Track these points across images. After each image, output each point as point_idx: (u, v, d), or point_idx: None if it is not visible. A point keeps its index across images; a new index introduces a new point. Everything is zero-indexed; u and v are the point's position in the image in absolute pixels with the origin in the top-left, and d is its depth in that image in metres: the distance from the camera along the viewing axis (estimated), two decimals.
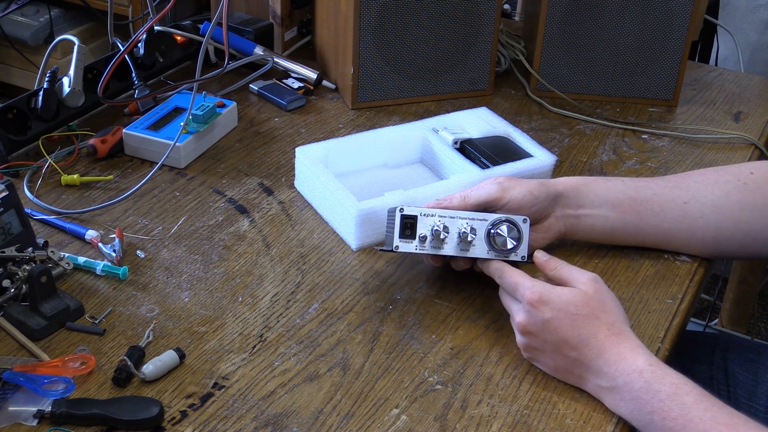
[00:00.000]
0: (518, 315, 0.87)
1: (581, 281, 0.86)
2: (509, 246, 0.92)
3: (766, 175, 1.00)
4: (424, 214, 0.92)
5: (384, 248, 0.95)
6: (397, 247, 0.92)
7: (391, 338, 0.92)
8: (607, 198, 1.00)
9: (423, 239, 0.92)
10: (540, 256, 0.92)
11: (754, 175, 1.00)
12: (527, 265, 0.92)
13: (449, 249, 0.93)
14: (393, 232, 0.92)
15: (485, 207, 0.97)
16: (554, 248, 1.06)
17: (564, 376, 0.87)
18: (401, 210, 0.91)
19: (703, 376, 1.07)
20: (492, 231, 0.92)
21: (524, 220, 0.92)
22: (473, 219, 0.92)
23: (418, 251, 0.92)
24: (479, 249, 0.92)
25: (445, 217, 0.92)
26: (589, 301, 0.85)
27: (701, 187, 1.00)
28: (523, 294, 0.87)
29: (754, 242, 1.00)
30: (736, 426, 0.75)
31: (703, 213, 0.99)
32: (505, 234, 0.92)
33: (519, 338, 0.89)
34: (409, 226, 0.92)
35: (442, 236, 0.91)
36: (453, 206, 0.96)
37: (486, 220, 0.92)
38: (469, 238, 0.91)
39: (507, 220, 0.92)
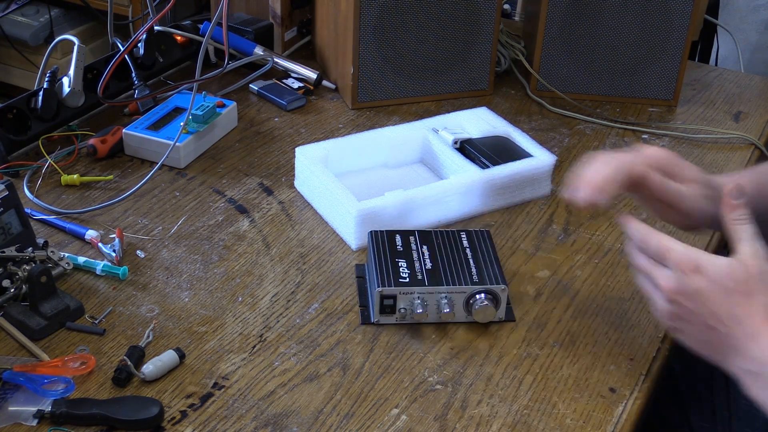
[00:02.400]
0: (666, 281, 0.80)
1: (745, 252, 0.79)
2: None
3: None
4: (403, 293, 0.92)
5: (363, 317, 0.95)
6: (378, 320, 0.93)
7: (391, 338, 0.92)
8: None
9: (403, 314, 0.93)
10: (730, 187, 0.82)
11: None
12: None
13: (430, 319, 0.94)
14: (370, 305, 0.95)
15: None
16: (555, 246, 1.06)
17: (708, 350, 0.81)
18: (380, 291, 0.92)
19: (703, 374, 1.07)
20: (471, 301, 0.93)
21: (503, 290, 0.93)
22: (451, 293, 0.92)
23: (398, 322, 0.94)
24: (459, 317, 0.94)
25: (423, 293, 0.92)
26: (749, 278, 0.78)
27: None
28: (676, 259, 0.79)
29: None
30: None
31: None
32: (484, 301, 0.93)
33: (662, 305, 0.81)
34: (388, 306, 0.93)
35: (419, 310, 0.92)
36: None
37: (464, 293, 0.92)
38: (446, 310, 0.92)
39: (486, 291, 0.92)
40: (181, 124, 1.17)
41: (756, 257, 0.79)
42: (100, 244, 1.02)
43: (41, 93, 1.19)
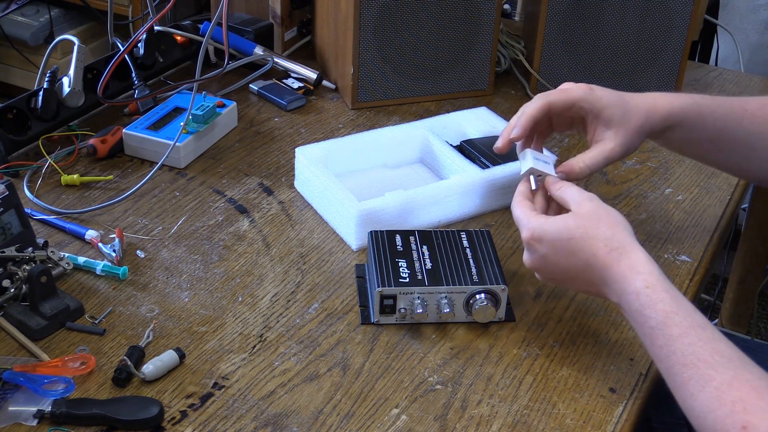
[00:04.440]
0: (524, 254, 0.89)
1: (576, 202, 0.87)
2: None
3: None
4: (403, 293, 0.92)
5: (363, 317, 0.95)
6: (378, 320, 0.94)
7: (391, 338, 0.92)
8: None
9: (403, 314, 0.93)
10: (551, 179, 0.92)
11: None
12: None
13: (430, 319, 0.94)
14: (370, 306, 0.95)
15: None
16: None
17: (590, 293, 0.88)
18: (380, 291, 0.92)
19: None
20: (471, 301, 0.93)
21: (503, 290, 0.93)
22: (451, 293, 0.93)
23: (398, 322, 0.94)
24: (459, 316, 0.94)
25: (423, 293, 0.92)
26: (582, 221, 0.84)
27: None
28: (522, 235, 0.88)
29: None
30: (715, 366, 0.74)
31: None
32: (484, 302, 0.93)
33: (536, 272, 0.90)
34: (388, 306, 0.93)
35: (419, 310, 0.92)
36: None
37: (464, 293, 0.93)
38: (446, 310, 0.92)
39: (486, 291, 0.92)
40: (181, 124, 1.17)
41: (586, 201, 0.86)
42: (100, 244, 1.02)
43: (41, 93, 1.19)
